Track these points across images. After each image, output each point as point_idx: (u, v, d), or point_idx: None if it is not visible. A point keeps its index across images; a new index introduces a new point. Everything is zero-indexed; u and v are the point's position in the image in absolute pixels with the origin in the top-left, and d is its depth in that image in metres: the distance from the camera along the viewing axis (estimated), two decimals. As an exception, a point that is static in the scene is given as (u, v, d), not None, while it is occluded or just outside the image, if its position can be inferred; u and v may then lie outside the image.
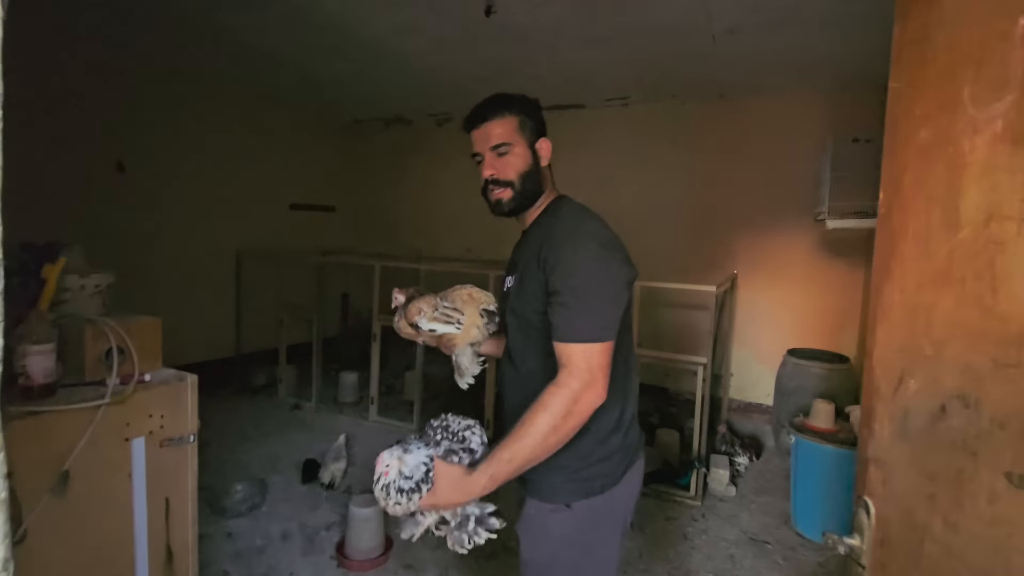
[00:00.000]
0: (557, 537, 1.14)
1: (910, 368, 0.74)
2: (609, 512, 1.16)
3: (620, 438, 1.17)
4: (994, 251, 0.61)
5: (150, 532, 1.29)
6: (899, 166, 0.78)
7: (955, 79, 0.68)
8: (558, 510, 1.12)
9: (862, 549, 0.82)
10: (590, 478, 1.12)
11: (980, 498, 0.62)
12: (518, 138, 1.19)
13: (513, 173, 1.19)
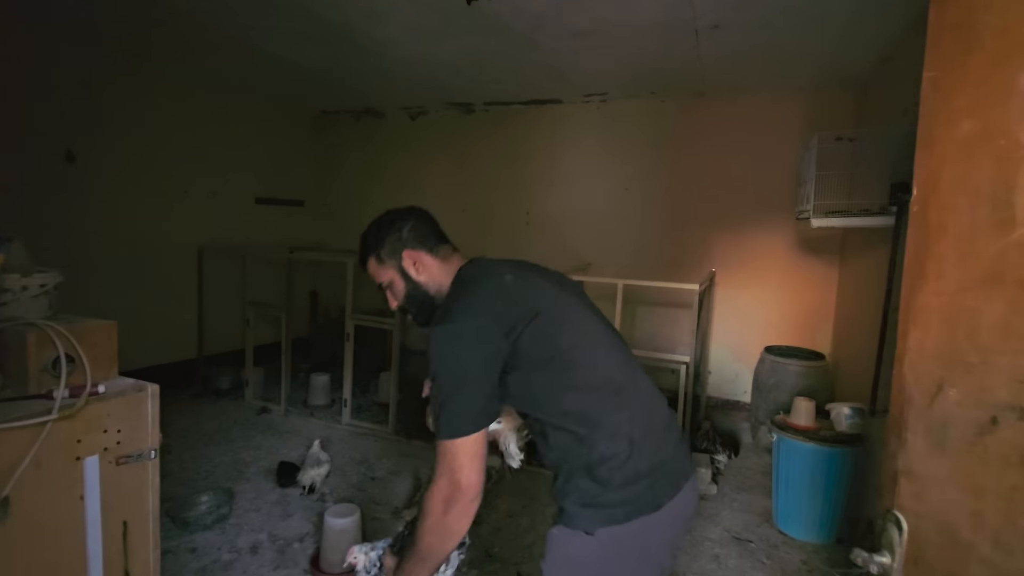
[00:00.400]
0: (577, 566, 1.09)
1: (950, 376, 0.69)
2: (638, 545, 1.08)
3: (635, 458, 1.08)
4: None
5: (106, 558, 1.16)
6: (936, 161, 0.73)
7: (1007, 66, 0.63)
8: (578, 535, 1.07)
9: (892, 567, 0.77)
10: (612, 504, 1.06)
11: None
12: (385, 272, 1.28)
13: (399, 301, 1.30)
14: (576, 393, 1.09)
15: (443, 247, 1.29)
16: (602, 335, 1.18)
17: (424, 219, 1.31)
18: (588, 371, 1.12)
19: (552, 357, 1.09)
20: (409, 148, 5.42)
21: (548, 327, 1.09)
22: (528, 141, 4.88)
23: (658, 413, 1.18)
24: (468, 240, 5.22)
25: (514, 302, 1.11)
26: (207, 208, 4.69)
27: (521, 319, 1.07)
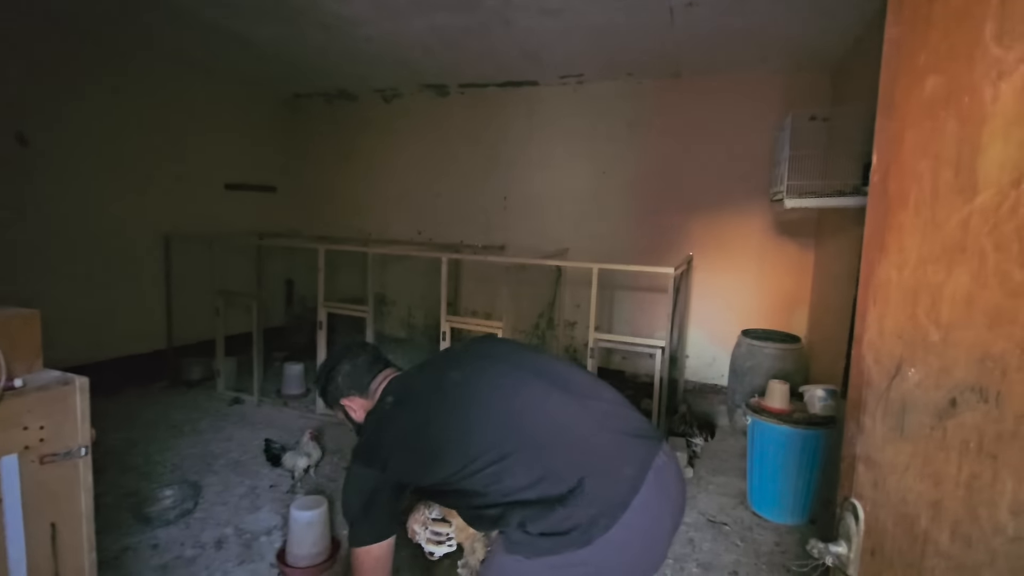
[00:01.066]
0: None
1: (910, 356, 0.65)
2: (579, 573, 1.09)
3: (542, 504, 1.11)
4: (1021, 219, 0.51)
5: (31, 564, 1.08)
6: (897, 125, 0.68)
7: (972, 16, 0.57)
8: (517, 557, 1.12)
9: (849, 558, 0.73)
10: (543, 534, 1.11)
11: (1001, 508, 0.53)
12: (337, 414, 1.53)
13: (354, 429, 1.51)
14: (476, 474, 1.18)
15: (376, 381, 1.45)
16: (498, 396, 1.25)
17: (357, 358, 1.48)
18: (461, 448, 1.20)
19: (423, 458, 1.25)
20: (384, 132, 5.29)
21: (418, 435, 1.26)
22: (504, 124, 4.78)
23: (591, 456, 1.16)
24: (444, 227, 5.17)
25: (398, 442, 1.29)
26: (173, 194, 4.53)
27: (398, 458, 1.26)
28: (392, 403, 1.34)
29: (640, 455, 1.15)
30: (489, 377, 1.29)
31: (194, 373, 4.38)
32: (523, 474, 1.12)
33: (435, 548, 1.59)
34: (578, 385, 1.25)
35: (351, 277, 5.24)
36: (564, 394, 1.21)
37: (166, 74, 4.37)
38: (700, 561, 2.34)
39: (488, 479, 1.15)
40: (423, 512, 1.63)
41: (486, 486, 1.15)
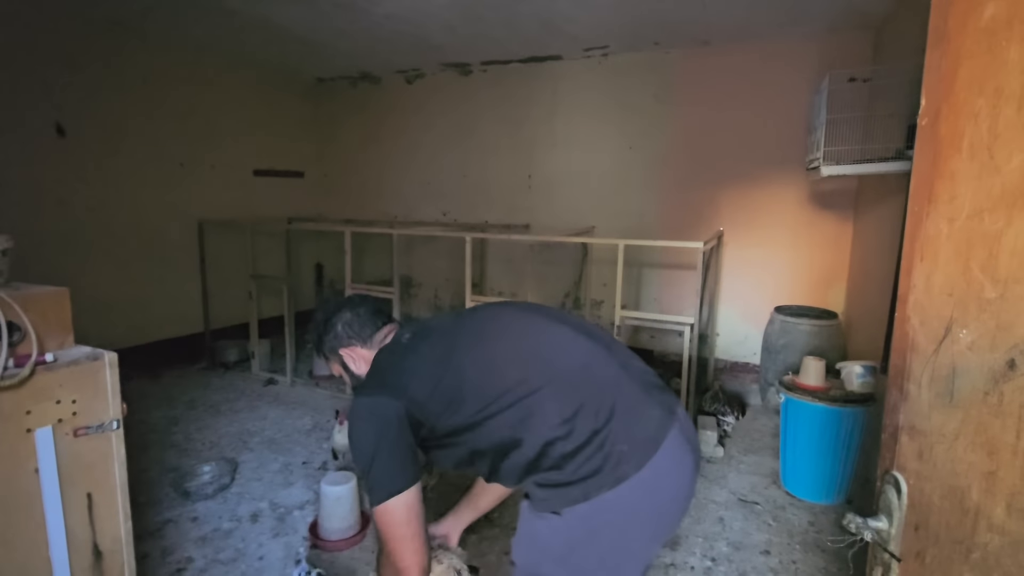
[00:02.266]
0: (542, 545, 1.07)
1: (961, 316, 0.59)
2: (608, 523, 1.03)
3: (574, 439, 1.05)
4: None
5: (70, 532, 1.12)
6: (950, 60, 0.61)
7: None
8: (544, 516, 1.06)
9: (890, 534, 0.68)
10: (568, 483, 1.04)
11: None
12: (334, 366, 1.41)
13: (352, 384, 1.38)
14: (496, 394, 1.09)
15: (380, 333, 1.34)
16: (515, 339, 1.18)
17: (357, 308, 1.37)
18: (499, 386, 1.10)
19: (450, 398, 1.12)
20: (407, 113, 5.27)
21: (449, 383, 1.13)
22: (528, 102, 4.69)
23: (601, 383, 1.10)
24: (469, 207, 5.15)
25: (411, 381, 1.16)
26: (205, 181, 4.62)
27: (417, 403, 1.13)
28: (410, 337, 1.25)
29: (665, 401, 1.13)
30: (514, 317, 1.23)
31: (230, 355, 4.51)
32: (554, 411, 1.06)
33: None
34: (601, 336, 1.21)
35: (378, 260, 5.29)
36: (590, 339, 1.17)
37: (193, 63, 4.43)
38: (730, 540, 2.30)
39: (517, 415, 1.07)
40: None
41: (514, 425, 1.07)
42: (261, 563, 2.12)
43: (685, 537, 2.31)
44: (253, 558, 2.15)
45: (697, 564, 2.15)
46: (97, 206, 3.90)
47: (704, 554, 2.21)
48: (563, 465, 1.04)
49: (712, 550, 2.24)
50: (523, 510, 1.12)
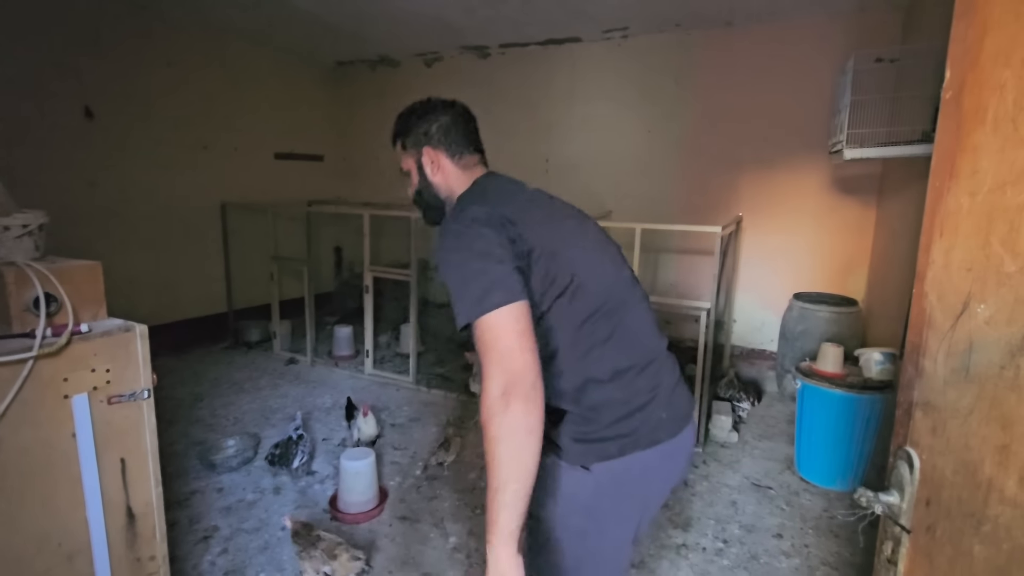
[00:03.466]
0: (568, 496, 1.03)
1: (979, 291, 0.59)
2: (631, 481, 1.03)
3: (623, 392, 1.01)
4: None
5: (105, 494, 1.18)
6: (976, 30, 0.60)
7: None
8: (575, 470, 1.02)
9: (901, 508, 0.69)
10: (605, 439, 1.00)
11: (1080, 450, 0.48)
12: (406, 160, 1.26)
13: (412, 192, 1.29)
14: (574, 321, 1.01)
15: (469, 156, 1.23)
16: (600, 260, 1.11)
17: (459, 120, 1.23)
18: (587, 296, 1.02)
19: (553, 280, 1.00)
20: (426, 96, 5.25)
21: (550, 251, 1.01)
22: (546, 84, 4.65)
23: (652, 351, 1.09)
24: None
25: (519, 220, 1.02)
26: (228, 164, 4.70)
27: (523, 240, 0.99)
28: (511, 183, 1.20)
29: (683, 406, 1.14)
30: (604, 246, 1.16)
31: (253, 335, 4.61)
32: (611, 357, 1.01)
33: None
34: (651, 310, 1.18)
35: (395, 243, 5.32)
36: (649, 311, 1.14)
37: (216, 47, 4.48)
38: (743, 523, 2.31)
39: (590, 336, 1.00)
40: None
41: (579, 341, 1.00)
42: (284, 533, 2.19)
43: (697, 519, 2.33)
44: (275, 528, 2.22)
45: (709, 545, 2.17)
46: (124, 187, 3.99)
47: (716, 536, 2.23)
48: (600, 417, 1.00)
49: (724, 532, 2.25)
50: (547, 468, 1.05)
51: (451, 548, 2.15)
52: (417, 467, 2.73)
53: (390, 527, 2.27)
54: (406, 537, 2.21)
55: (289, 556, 2.06)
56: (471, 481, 2.62)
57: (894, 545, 0.70)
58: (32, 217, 1.21)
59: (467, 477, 2.65)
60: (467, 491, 2.53)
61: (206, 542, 2.14)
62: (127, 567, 1.25)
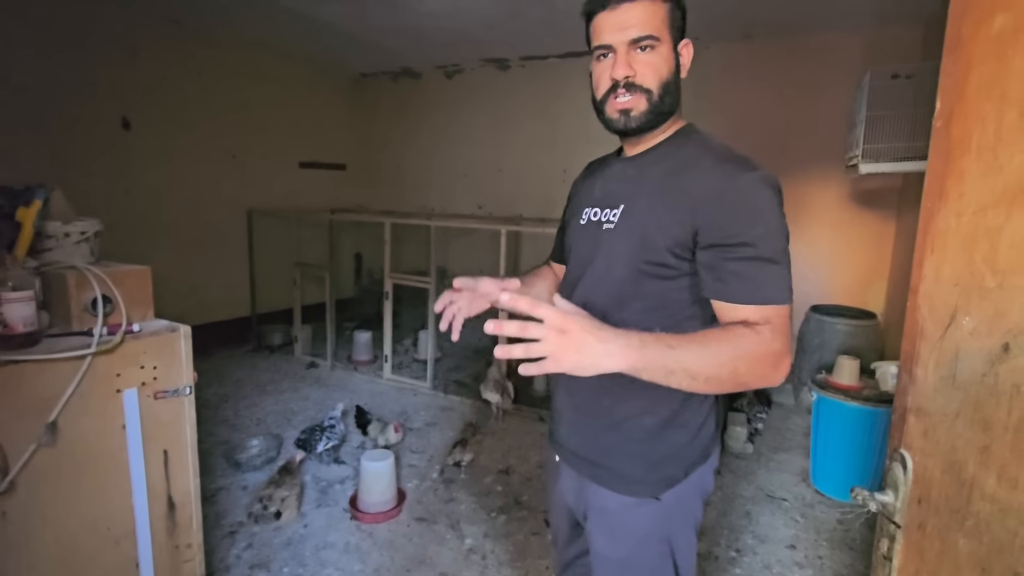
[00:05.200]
0: (644, 533, 0.98)
1: (965, 304, 0.64)
2: (693, 494, 1.02)
3: (713, 416, 1.03)
4: (1087, 154, 0.50)
5: (149, 483, 1.27)
6: (963, 65, 0.66)
7: (1046, -56, 0.55)
8: (644, 503, 0.96)
9: (895, 506, 0.73)
10: (677, 463, 0.98)
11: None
12: (666, 34, 0.91)
13: (655, 79, 0.92)
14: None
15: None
16: None
17: None
18: None
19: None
20: (446, 108, 5.38)
21: None
22: (564, 96, 4.73)
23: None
24: (504, 201, 5.23)
25: None
26: (253, 172, 4.85)
27: None
28: None
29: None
30: None
31: (275, 339, 4.74)
32: None
33: None
34: None
35: (415, 250, 5.43)
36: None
37: (245, 58, 4.65)
38: (756, 533, 2.33)
39: None
40: None
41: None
42: (306, 530, 2.27)
43: (711, 528, 2.35)
44: (298, 525, 2.30)
45: (722, 554, 2.19)
46: (157, 194, 4.15)
47: (729, 545, 2.25)
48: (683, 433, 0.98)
49: (737, 542, 2.27)
50: (606, 511, 1.01)
51: (467, 549, 2.21)
52: (434, 470, 2.79)
53: (408, 527, 2.33)
54: (423, 538, 2.27)
55: (311, 551, 2.14)
56: (487, 485, 2.67)
57: (889, 542, 0.75)
58: (89, 225, 1.31)
59: (483, 481, 2.71)
60: (483, 494, 2.58)
61: (232, 536, 2.22)
62: (167, 554, 1.33)
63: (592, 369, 0.71)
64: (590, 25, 0.97)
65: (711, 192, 0.87)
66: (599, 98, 0.98)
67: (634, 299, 0.95)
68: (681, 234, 0.88)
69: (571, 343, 0.70)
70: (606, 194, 1.03)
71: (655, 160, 0.98)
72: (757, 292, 0.83)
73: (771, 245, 0.84)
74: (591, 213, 1.04)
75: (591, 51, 0.98)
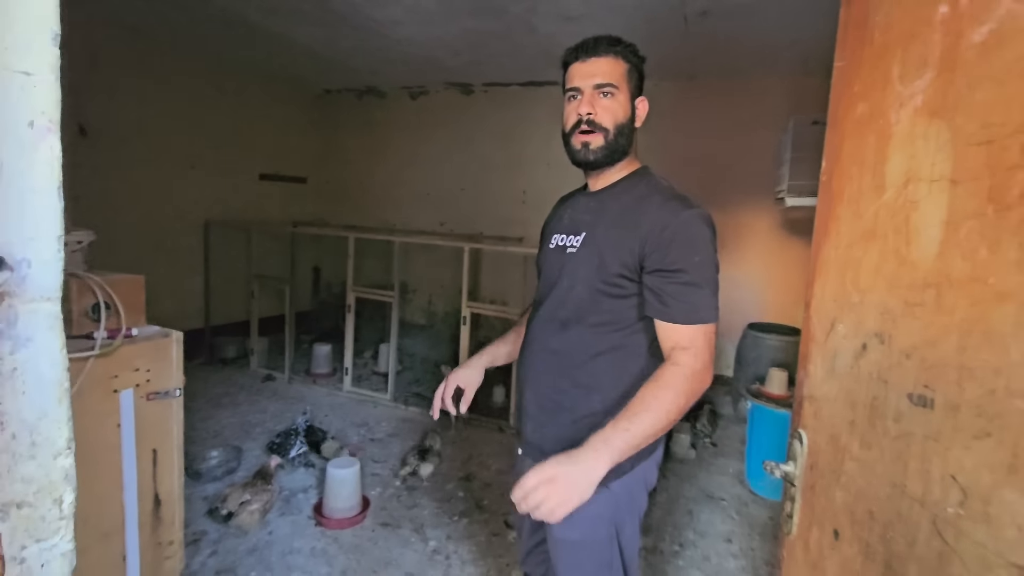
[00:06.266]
0: (594, 516, 1.12)
1: (840, 315, 0.85)
2: (639, 484, 1.18)
3: None
4: (910, 209, 0.71)
5: (139, 480, 1.33)
6: (839, 137, 0.88)
7: (887, 59, 0.77)
8: (597, 492, 1.06)
9: (795, 474, 0.94)
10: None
11: (888, 418, 0.73)
12: (624, 85, 1.13)
13: (611, 121, 1.12)
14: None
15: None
16: None
17: None
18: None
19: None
20: (410, 127, 5.52)
21: None
22: (525, 122, 4.97)
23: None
24: (465, 220, 5.38)
25: None
26: (213, 183, 4.82)
27: None
28: None
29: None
30: None
31: (229, 352, 4.67)
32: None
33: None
34: None
35: (376, 265, 5.49)
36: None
37: (208, 69, 4.65)
38: (697, 529, 2.55)
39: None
40: None
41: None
42: (270, 537, 2.31)
43: (657, 526, 2.55)
44: (263, 533, 2.34)
45: (666, 548, 2.39)
46: (109, 202, 4.07)
47: (673, 540, 2.45)
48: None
49: (680, 536, 2.48)
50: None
51: (431, 551, 2.31)
52: (397, 478, 2.88)
53: (373, 532, 2.41)
54: (388, 541, 2.36)
55: (277, 556, 2.19)
56: (449, 491, 2.78)
57: (791, 503, 0.95)
58: (85, 235, 1.39)
59: (445, 487, 2.81)
60: (445, 500, 2.69)
61: (196, 544, 2.24)
62: (151, 550, 1.39)
63: (591, 488, 0.91)
64: (566, 73, 1.19)
65: (657, 225, 1.06)
66: (567, 131, 1.18)
67: (591, 314, 1.13)
68: (631, 259, 1.08)
69: (562, 485, 0.89)
70: (572, 222, 1.23)
71: (614, 196, 1.18)
72: (693, 313, 1.04)
73: (703, 273, 1.04)
74: (559, 239, 1.23)
75: (564, 93, 1.21)
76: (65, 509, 0.43)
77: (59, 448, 0.43)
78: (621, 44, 1.15)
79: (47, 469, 0.42)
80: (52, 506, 0.42)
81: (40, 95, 0.42)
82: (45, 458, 0.42)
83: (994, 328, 0.59)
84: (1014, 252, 0.57)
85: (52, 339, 0.43)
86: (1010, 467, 0.57)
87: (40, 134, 0.42)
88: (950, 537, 0.63)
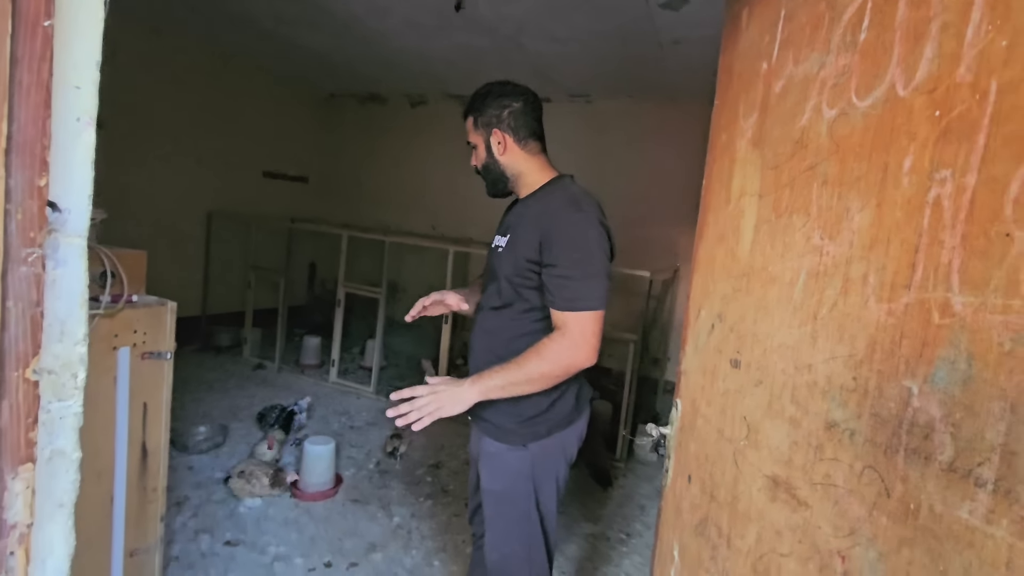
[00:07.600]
0: (514, 471, 1.35)
1: (703, 303, 1.05)
2: (556, 450, 1.38)
3: (573, 392, 1.39)
4: (739, 216, 0.92)
5: (130, 429, 1.53)
6: (711, 159, 1.09)
7: (737, 100, 0.98)
8: (515, 450, 1.34)
9: (671, 435, 1.13)
10: (540, 423, 1.34)
11: (719, 378, 0.93)
12: (476, 136, 1.42)
13: (478, 164, 1.45)
14: None
15: (533, 143, 1.41)
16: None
17: (528, 109, 1.39)
18: None
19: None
20: (409, 134, 5.76)
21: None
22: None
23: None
24: (456, 224, 5.61)
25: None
26: (218, 177, 5.04)
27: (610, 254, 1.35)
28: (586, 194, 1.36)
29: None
30: None
31: (223, 340, 4.87)
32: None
33: None
34: None
35: (369, 263, 5.70)
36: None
37: (220, 68, 4.90)
38: (645, 522, 2.73)
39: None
40: None
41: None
42: (247, 505, 2.50)
43: (608, 516, 2.73)
44: (239, 502, 2.53)
45: (613, 536, 2.57)
46: (118, 190, 4.29)
47: (620, 529, 2.63)
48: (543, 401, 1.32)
49: (628, 527, 2.66)
50: (490, 454, 1.38)
51: (395, 526, 2.49)
52: (371, 462, 3.06)
53: (343, 507, 2.60)
54: (356, 515, 2.54)
55: (252, 522, 2.37)
56: (418, 476, 2.96)
57: (668, 460, 1.14)
58: (98, 213, 1.59)
59: (415, 472, 3.00)
60: (414, 484, 2.87)
61: (179, 507, 2.43)
62: (137, 493, 1.58)
63: (462, 405, 1.22)
64: None
65: (551, 227, 1.27)
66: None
67: (516, 302, 1.36)
68: (535, 256, 1.29)
69: (443, 396, 1.21)
70: (504, 226, 1.48)
71: (532, 203, 1.41)
72: (570, 302, 1.22)
73: (583, 268, 1.23)
74: (497, 239, 1.48)
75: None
76: (79, 382, 0.63)
77: (78, 338, 0.63)
78: (469, 108, 1.43)
79: (70, 351, 0.62)
80: (70, 378, 0.62)
81: (85, 101, 0.62)
82: (69, 343, 0.62)
83: (768, 304, 0.79)
84: (780, 247, 0.78)
85: (79, 264, 0.63)
86: (768, 405, 0.77)
87: (83, 126, 0.62)
88: (740, 462, 0.83)
